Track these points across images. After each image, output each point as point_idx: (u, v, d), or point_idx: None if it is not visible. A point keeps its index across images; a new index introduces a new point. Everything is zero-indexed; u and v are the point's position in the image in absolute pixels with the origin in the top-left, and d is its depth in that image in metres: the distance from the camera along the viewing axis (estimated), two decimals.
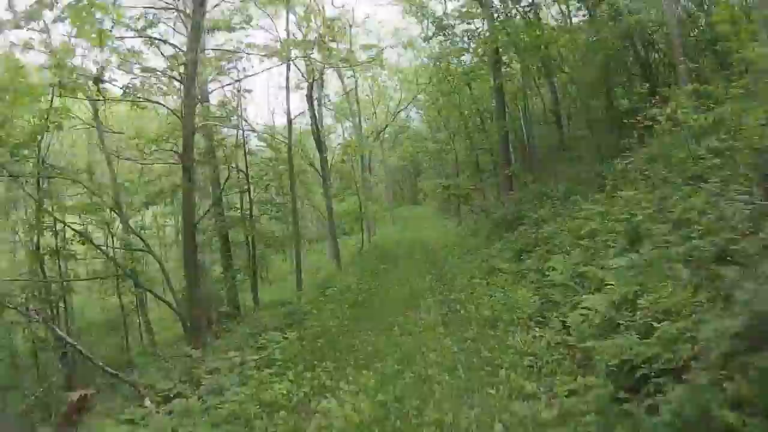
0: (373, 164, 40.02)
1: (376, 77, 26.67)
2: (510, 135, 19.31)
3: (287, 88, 10.96)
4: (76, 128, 17.57)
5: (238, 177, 16.40)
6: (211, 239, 16.42)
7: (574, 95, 18.27)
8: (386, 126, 30.95)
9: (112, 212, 17.25)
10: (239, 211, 15.84)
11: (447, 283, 8.89)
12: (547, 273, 6.83)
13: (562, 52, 15.30)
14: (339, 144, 24.53)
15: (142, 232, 25.19)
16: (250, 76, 11.29)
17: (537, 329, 5.37)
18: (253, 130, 15.12)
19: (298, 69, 16.76)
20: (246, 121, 15.58)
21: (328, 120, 31.16)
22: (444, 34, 21.08)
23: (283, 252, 16.36)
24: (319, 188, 20.16)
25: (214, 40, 15.78)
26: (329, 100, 32.07)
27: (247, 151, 15.45)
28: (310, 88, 15.49)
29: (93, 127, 17.26)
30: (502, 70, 18.45)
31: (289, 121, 10.58)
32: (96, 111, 17.64)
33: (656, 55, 13.88)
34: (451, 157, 26.43)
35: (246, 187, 15.19)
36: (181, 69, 9.33)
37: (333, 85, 30.05)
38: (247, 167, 15.21)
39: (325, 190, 16.06)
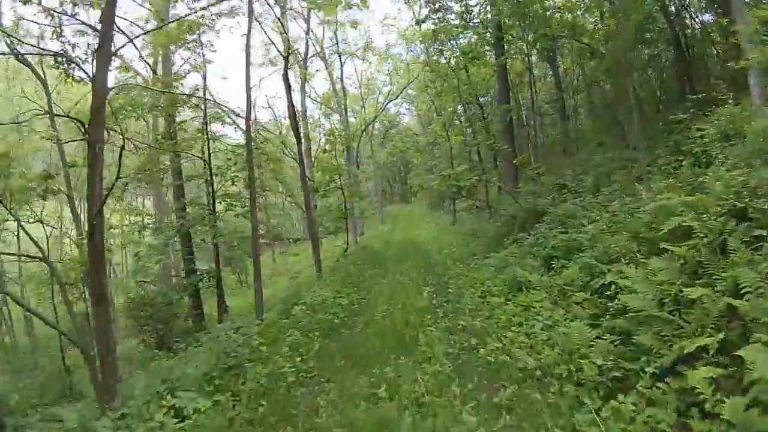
0: (361, 160, 37.85)
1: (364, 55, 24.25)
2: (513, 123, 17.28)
3: (248, 42, 8.52)
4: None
5: (204, 167, 14.11)
6: (171, 238, 14.04)
7: (588, 75, 16.25)
8: (375, 117, 28.64)
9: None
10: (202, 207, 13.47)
11: (452, 300, 6.66)
12: (607, 293, 4.65)
13: (578, 23, 13.15)
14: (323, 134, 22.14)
15: (111, 231, 22.67)
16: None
17: (623, 399, 3.16)
18: (218, 105, 12.74)
19: (272, 43, 14.50)
20: (210, 98, 13.21)
21: (313, 113, 29.00)
22: (438, 18, 18.92)
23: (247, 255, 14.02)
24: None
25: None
26: (315, 92, 29.87)
27: (209, 135, 13.07)
28: (287, 64, 13.14)
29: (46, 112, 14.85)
30: (506, 47, 16.34)
31: (248, 88, 8.19)
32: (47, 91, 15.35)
33: (693, 21, 11.81)
34: (443, 151, 24.33)
35: (208, 178, 12.84)
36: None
37: (319, 75, 27.86)
38: (209, 154, 12.84)
39: (303, 183, 13.72)
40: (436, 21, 19.36)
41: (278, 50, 14.43)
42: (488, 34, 16.24)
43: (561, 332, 4.23)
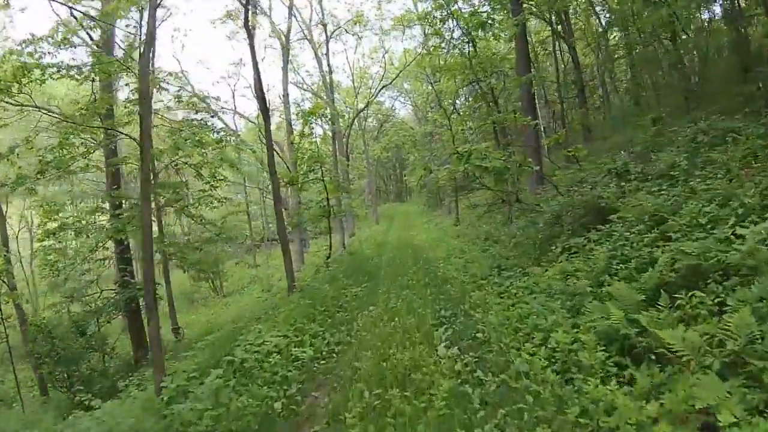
0: (353, 156, 34.96)
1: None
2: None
3: None
4: None
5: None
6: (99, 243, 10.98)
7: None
8: (368, 103, 25.61)
9: None
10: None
11: (494, 368, 3.65)
12: None
13: None
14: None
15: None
16: None
17: None
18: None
19: None
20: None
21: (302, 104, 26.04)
22: None
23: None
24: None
25: None
26: (305, 82, 26.81)
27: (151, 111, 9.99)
28: (247, 14, 10.13)
29: None
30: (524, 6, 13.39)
31: (153, 11, 5.08)
32: None
33: None
34: (444, 142, 21.48)
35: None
36: None
37: (308, 65, 24.85)
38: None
39: (271, 172, 10.69)
40: None
41: None
42: None
43: None
